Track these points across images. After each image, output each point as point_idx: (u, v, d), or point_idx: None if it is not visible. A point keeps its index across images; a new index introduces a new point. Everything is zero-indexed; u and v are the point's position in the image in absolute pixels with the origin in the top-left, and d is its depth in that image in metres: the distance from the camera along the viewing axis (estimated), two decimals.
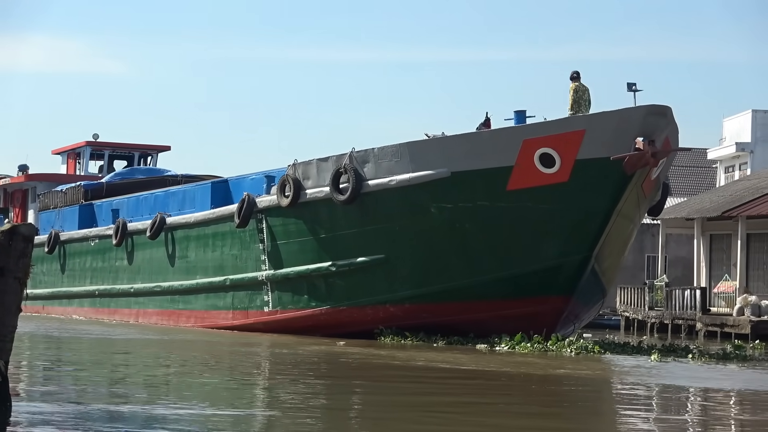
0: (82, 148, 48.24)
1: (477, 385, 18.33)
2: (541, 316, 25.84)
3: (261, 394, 16.55)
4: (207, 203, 32.78)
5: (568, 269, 25.57)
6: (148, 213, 36.06)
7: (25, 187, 48.01)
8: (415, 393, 16.67)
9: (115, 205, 38.10)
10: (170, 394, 16.03)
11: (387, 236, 26.80)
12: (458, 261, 26.22)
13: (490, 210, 25.59)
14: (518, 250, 25.66)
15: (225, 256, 31.11)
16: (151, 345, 26.91)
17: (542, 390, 18.01)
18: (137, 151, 48.77)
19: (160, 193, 36.46)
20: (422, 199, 26.14)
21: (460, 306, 26.40)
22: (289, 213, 28.56)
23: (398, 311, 27.09)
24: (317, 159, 28.08)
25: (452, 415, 13.94)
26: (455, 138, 26.09)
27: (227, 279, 30.84)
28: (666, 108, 24.44)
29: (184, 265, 32.97)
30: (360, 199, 26.86)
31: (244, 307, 30.43)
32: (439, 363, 21.64)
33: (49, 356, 23.94)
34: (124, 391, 16.08)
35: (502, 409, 14.96)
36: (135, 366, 22.14)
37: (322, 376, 19.73)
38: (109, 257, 37.17)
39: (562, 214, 25.03)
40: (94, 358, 23.74)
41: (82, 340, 28.29)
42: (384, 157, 26.66)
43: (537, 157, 24.91)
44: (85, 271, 38.91)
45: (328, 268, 27.91)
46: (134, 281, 35.55)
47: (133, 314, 35.72)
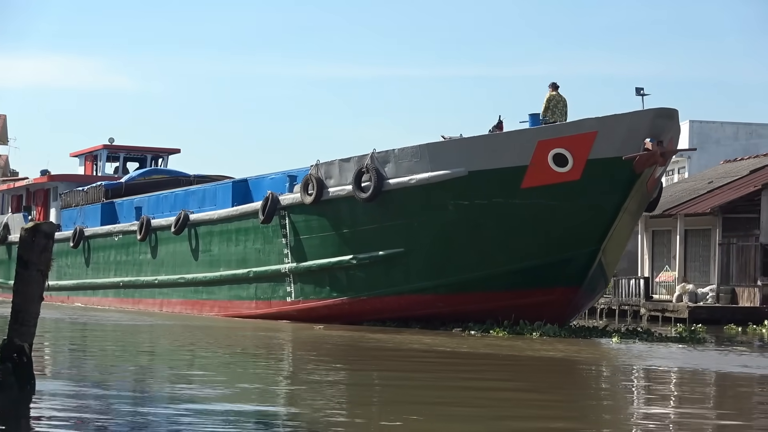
0: (99, 151, 46.39)
1: (471, 364, 17.87)
2: (552, 306, 24.47)
3: (283, 372, 16.12)
4: (228, 201, 31.19)
5: (577, 262, 24.22)
6: (168, 210, 34.50)
7: (47, 187, 46.08)
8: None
9: (137, 203, 36.31)
10: (194, 372, 15.51)
11: (406, 231, 25.35)
12: (473, 254, 24.80)
13: (504, 206, 24.19)
14: (530, 244, 24.28)
15: (248, 250, 29.53)
16: (176, 329, 25.71)
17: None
18: (149, 154, 46.98)
19: (180, 192, 34.83)
20: (440, 197, 24.71)
21: (474, 296, 24.96)
22: (312, 210, 27.06)
23: (415, 301, 25.58)
24: (339, 159, 26.58)
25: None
26: (473, 139, 24.66)
27: (250, 271, 29.27)
28: (673, 111, 23.14)
29: (208, 259, 31.34)
30: (381, 197, 25.37)
31: (267, 298, 28.87)
32: (414, 344, 21.07)
33: (75, 339, 22.90)
34: (146, 369, 15.15)
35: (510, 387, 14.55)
36: (160, 347, 21.13)
37: (342, 358, 18.87)
38: (132, 251, 35.47)
39: (574, 210, 23.68)
40: (119, 340, 22.70)
41: (107, 325, 27.20)
42: (404, 158, 25.20)
43: (551, 157, 23.51)
44: (109, 264, 37.18)
45: (349, 261, 26.41)
46: (158, 273, 33.88)
47: (157, 303, 34.06)
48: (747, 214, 35.60)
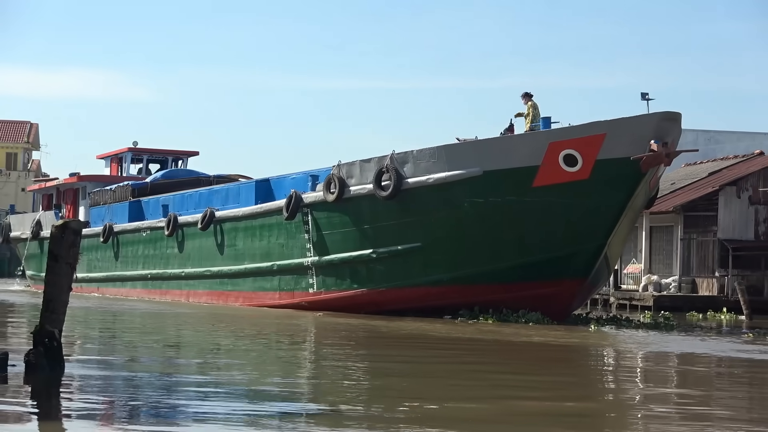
0: (124, 154, 45.78)
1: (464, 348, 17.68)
2: (559, 296, 24.05)
3: (305, 353, 15.98)
4: (252, 199, 30.70)
5: (584, 255, 23.81)
6: (193, 208, 34.00)
7: (76, 187, 45.46)
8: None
9: (164, 201, 35.80)
10: (220, 354, 15.30)
11: (423, 227, 24.90)
12: (486, 248, 24.35)
13: (517, 204, 23.76)
14: (541, 239, 23.86)
15: (272, 244, 29.04)
16: (204, 316, 25.31)
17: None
18: (170, 156, 46.43)
19: (204, 191, 34.35)
20: (457, 195, 24.27)
21: (487, 288, 24.49)
22: (334, 207, 26.57)
23: (431, 292, 25.11)
24: (360, 160, 26.11)
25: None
26: (487, 141, 24.23)
27: (274, 264, 28.78)
28: (677, 114, 22.72)
29: (233, 253, 30.83)
30: (400, 195, 24.90)
31: (290, 289, 28.37)
32: (409, 329, 20.75)
33: (106, 324, 22.60)
34: (173, 354, 14.81)
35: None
36: (188, 331, 20.85)
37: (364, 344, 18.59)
38: (160, 245, 34.93)
39: (582, 207, 23.24)
40: (148, 325, 22.46)
41: (137, 312, 26.91)
42: (422, 158, 24.73)
43: (561, 158, 23.08)
44: (137, 258, 36.63)
45: (370, 255, 25.93)
46: (185, 266, 33.35)
47: (183, 294, 33.53)
48: (706, 213, 35.94)
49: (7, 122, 78.66)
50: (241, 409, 9.77)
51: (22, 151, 78.76)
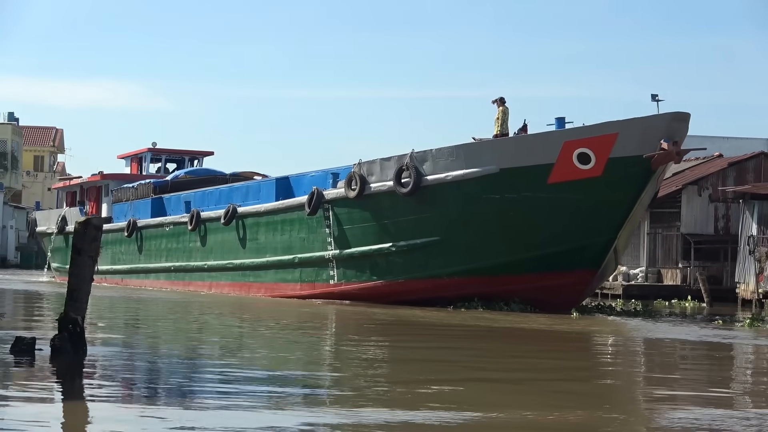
0: (144, 154, 44.59)
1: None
2: (571, 286, 23.11)
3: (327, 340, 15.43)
4: (272, 196, 29.58)
5: (596, 247, 22.86)
6: (214, 204, 32.86)
7: (99, 185, 44.22)
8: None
9: (186, 198, 34.66)
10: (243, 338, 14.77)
11: (442, 222, 23.89)
12: (502, 241, 23.37)
13: (532, 199, 22.77)
14: (554, 232, 22.88)
15: (293, 238, 27.94)
16: (230, 304, 24.40)
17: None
18: (187, 156, 45.27)
19: (224, 188, 33.24)
20: (474, 191, 23.26)
21: (502, 279, 23.50)
22: (354, 203, 25.51)
23: (449, 284, 24.11)
24: (380, 159, 25.08)
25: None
26: (504, 140, 23.27)
27: (296, 257, 27.69)
28: (687, 114, 21.79)
29: (255, 246, 29.73)
30: (419, 192, 23.85)
31: (311, 280, 27.29)
32: (414, 317, 19.37)
33: (130, 312, 21.93)
34: (197, 339, 14.19)
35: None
36: (209, 320, 19.89)
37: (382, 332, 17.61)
38: (183, 240, 33.80)
39: (595, 202, 22.25)
40: (172, 312, 21.81)
41: (163, 301, 26.12)
42: (441, 157, 23.71)
43: (575, 156, 22.10)
44: (160, 251, 35.46)
45: (389, 249, 24.89)
46: (207, 259, 32.23)
47: (206, 285, 32.41)
48: (670, 209, 35.77)
49: (34, 128, 79.89)
50: (264, 391, 9.42)
51: (49, 154, 79.83)
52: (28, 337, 11.45)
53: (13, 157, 65.74)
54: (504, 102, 24.38)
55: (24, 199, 71.07)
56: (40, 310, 22.46)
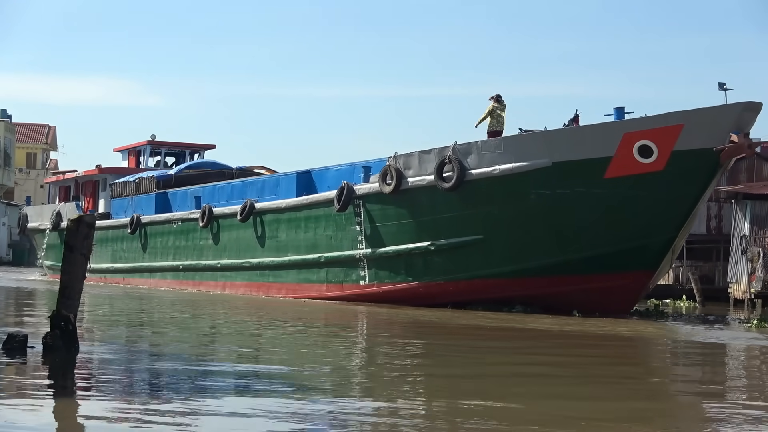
0: (143, 147, 42.85)
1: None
2: (625, 289, 21.66)
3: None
4: (293, 191, 27.96)
5: (654, 247, 21.43)
6: (225, 199, 31.24)
7: (96, 179, 42.43)
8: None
9: (195, 193, 32.95)
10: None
11: (486, 219, 22.38)
12: (551, 240, 21.90)
13: (586, 195, 21.28)
14: (610, 231, 21.43)
15: (318, 236, 26.33)
16: (254, 305, 22.65)
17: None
18: (188, 149, 43.54)
19: (237, 182, 31.66)
20: (523, 186, 21.75)
21: (550, 280, 22.04)
22: (389, 199, 23.95)
23: (491, 285, 22.61)
24: (419, 151, 23.54)
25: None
26: (557, 132, 21.73)
27: (322, 256, 26.07)
28: (759, 105, 20.38)
29: (275, 244, 28.09)
30: (462, 186, 22.33)
31: (339, 281, 25.68)
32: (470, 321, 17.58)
33: (142, 312, 21.07)
34: (208, 349, 12.97)
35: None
36: (225, 321, 18.71)
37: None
38: (192, 237, 32.11)
39: (655, 199, 20.86)
40: (179, 312, 20.96)
41: (165, 299, 25.08)
42: (487, 149, 22.19)
43: (636, 149, 20.61)
44: (167, 249, 33.74)
45: (427, 247, 23.35)
46: (220, 258, 30.56)
47: (219, 286, 30.74)
48: None
49: (27, 125, 79.99)
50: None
51: (41, 151, 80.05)
52: (20, 335, 11.37)
53: (6, 154, 64.86)
54: (498, 99, 23.27)
55: (16, 196, 71.18)
56: (32, 307, 21.62)
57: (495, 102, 23.27)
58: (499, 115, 23.21)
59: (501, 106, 23.33)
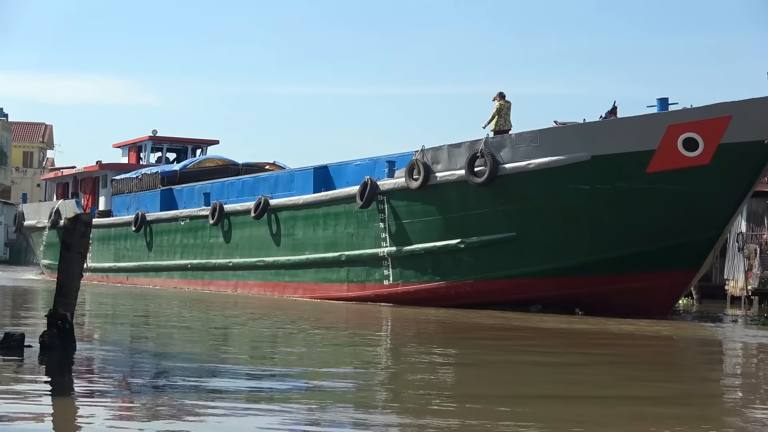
0: (144, 142, 41.74)
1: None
2: (665, 289, 20.80)
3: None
4: (309, 187, 26.98)
5: (698, 245, 20.56)
6: (235, 196, 30.28)
7: (96, 175, 41.36)
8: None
9: (205, 189, 31.94)
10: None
11: (519, 216, 21.48)
12: (589, 238, 21.01)
13: (627, 190, 20.38)
14: (651, 228, 20.55)
15: (338, 234, 25.35)
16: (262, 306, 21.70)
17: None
18: (190, 145, 42.42)
19: (248, 178, 30.68)
20: (559, 181, 20.84)
21: (587, 280, 21.14)
22: (416, 195, 22.99)
23: (523, 285, 21.72)
24: (448, 145, 22.61)
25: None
26: (597, 124, 20.85)
27: (342, 255, 25.07)
28: None
29: (291, 242, 27.09)
30: (495, 182, 21.40)
31: (361, 281, 24.72)
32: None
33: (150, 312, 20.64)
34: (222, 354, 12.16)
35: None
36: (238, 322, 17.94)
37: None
38: (202, 235, 31.10)
39: (700, 194, 19.97)
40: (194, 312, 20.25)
41: (173, 299, 24.19)
42: (522, 143, 21.26)
43: (680, 141, 19.71)
44: (174, 247, 32.71)
45: (457, 245, 22.42)
46: (232, 256, 29.56)
47: (230, 285, 29.73)
48: None
49: (24, 124, 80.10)
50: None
51: (38, 150, 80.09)
52: (17, 333, 11.36)
53: (2, 153, 64.33)
54: (503, 97, 22.79)
55: (13, 195, 71.29)
56: (29, 306, 21.32)
57: (500, 100, 22.79)
58: (507, 114, 22.74)
59: (507, 104, 22.84)
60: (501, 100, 22.80)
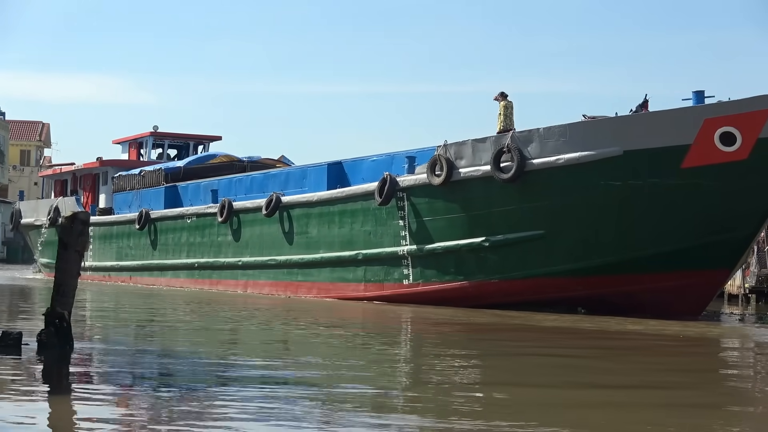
0: (145, 138, 40.98)
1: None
2: (698, 288, 20.12)
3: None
4: (323, 184, 26.24)
5: (733, 243, 19.89)
6: (243, 193, 29.53)
7: (95, 172, 40.58)
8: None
9: (212, 186, 31.17)
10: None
11: (547, 213, 20.80)
12: (620, 236, 20.32)
13: (661, 187, 19.70)
14: (685, 226, 19.86)
15: (355, 232, 24.64)
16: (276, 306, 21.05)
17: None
18: (192, 141, 41.67)
19: (257, 175, 29.93)
20: (590, 177, 20.17)
21: (618, 279, 20.48)
22: (438, 191, 22.29)
23: (551, 284, 21.05)
24: (472, 139, 21.92)
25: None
26: (629, 118, 20.16)
27: (359, 253, 24.35)
28: None
29: (304, 241, 26.36)
30: (522, 178, 20.71)
31: (379, 280, 24.00)
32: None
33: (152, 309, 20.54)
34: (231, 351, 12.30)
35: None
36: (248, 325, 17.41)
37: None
38: (209, 233, 30.36)
39: (737, 191, 19.32)
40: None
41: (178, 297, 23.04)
42: (550, 137, 20.58)
43: (717, 136, 19.04)
44: (180, 246, 31.96)
45: (481, 244, 21.73)
46: (242, 255, 28.82)
47: (240, 285, 28.99)
48: None
49: (20, 122, 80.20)
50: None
51: (35, 148, 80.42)
52: (15, 332, 11.36)
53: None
54: (506, 96, 22.35)
55: (10, 193, 71.26)
56: (26, 305, 21.22)
57: (504, 100, 22.36)
58: (510, 114, 22.32)
59: (510, 103, 22.43)
60: (504, 100, 22.39)
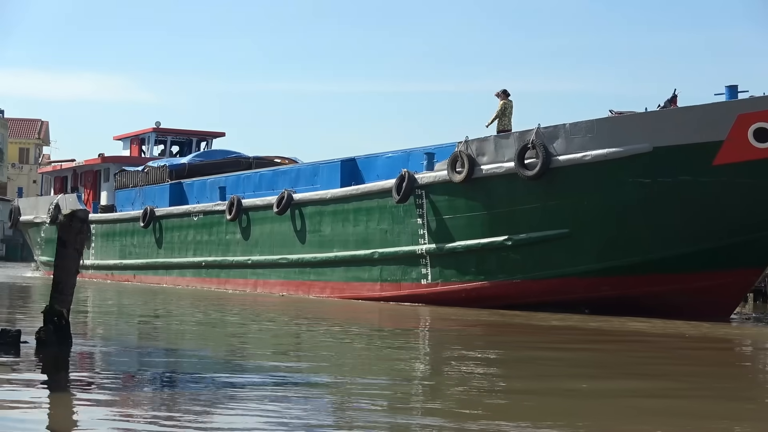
0: (148, 134, 40.39)
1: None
2: (728, 288, 19.61)
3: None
4: (336, 180, 25.69)
5: (766, 243, 19.27)
6: (252, 190, 28.93)
7: (97, 169, 39.95)
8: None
9: (219, 183, 30.59)
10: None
11: (573, 211, 20.27)
12: (649, 234, 19.82)
13: (692, 184, 19.17)
14: (716, 224, 19.35)
15: (370, 230, 24.07)
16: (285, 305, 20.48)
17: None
18: (195, 137, 41.11)
19: (266, 172, 29.39)
20: (618, 174, 19.64)
21: (646, 279, 19.96)
22: (459, 189, 21.74)
23: (576, 284, 20.51)
24: (495, 135, 21.35)
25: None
26: (659, 113, 19.61)
27: (375, 252, 23.79)
28: None
29: (317, 239, 25.78)
30: (548, 175, 20.17)
31: (396, 280, 23.44)
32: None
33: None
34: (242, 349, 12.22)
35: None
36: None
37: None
38: (217, 231, 29.77)
39: None
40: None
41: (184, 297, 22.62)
42: (577, 133, 20.04)
43: (751, 132, 18.52)
44: (186, 244, 31.34)
45: (503, 243, 21.19)
46: (251, 253, 28.24)
47: (249, 284, 28.40)
48: None
49: (20, 120, 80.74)
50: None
51: (34, 146, 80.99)
52: (14, 330, 11.36)
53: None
54: (508, 95, 22.01)
55: (9, 191, 71.56)
56: (25, 303, 21.15)
57: (504, 99, 22.01)
58: (510, 113, 22.03)
59: (510, 103, 22.10)
60: (505, 99, 22.00)
